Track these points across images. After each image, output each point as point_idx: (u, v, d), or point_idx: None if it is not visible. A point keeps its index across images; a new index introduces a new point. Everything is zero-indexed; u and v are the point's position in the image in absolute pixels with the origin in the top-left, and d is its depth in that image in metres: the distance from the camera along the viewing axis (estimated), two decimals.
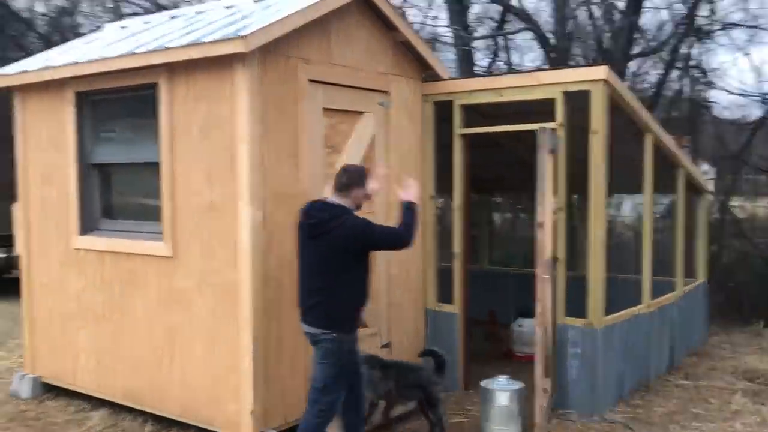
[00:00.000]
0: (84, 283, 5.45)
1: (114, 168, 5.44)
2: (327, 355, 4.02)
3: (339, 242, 3.93)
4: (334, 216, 3.97)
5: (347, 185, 4.08)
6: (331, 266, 3.97)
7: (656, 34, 12.53)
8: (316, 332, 4.03)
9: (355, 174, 4.14)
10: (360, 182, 4.11)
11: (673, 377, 6.45)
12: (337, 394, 4.10)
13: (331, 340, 4.00)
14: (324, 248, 3.97)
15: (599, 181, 5.24)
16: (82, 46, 5.96)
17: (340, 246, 3.94)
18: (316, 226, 4.00)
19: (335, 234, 3.93)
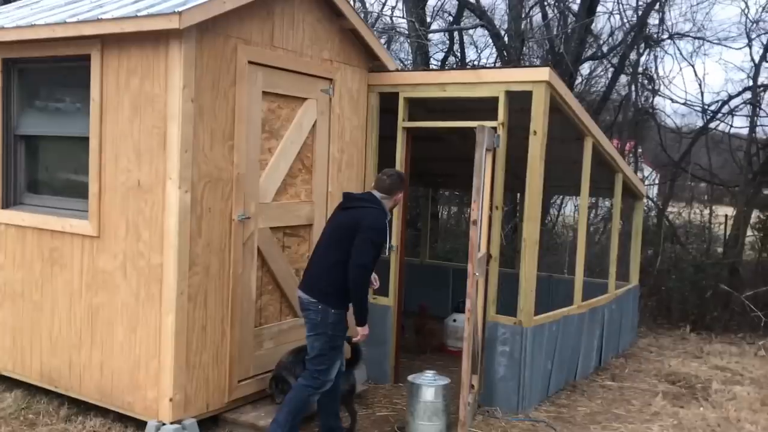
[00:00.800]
0: (3, 259, 5.23)
1: (41, 140, 5.23)
2: (313, 327, 4.24)
3: (356, 225, 4.15)
4: (370, 199, 4.34)
5: (391, 189, 4.39)
6: (344, 244, 4.17)
7: (607, 39, 12.74)
8: (305, 299, 4.28)
9: (398, 179, 4.43)
10: (401, 187, 4.45)
11: (600, 378, 6.57)
12: (329, 364, 4.28)
13: (316, 311, 4.22)
14: (345, 223, 4.23)
15: (535, 181, 5.27)
16: (14, 11, 5.69)
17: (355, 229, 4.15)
18: (350, 198, 4.43)
19: (361, 213, 4.21)
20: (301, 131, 5.25)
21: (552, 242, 11.43)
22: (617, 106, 13.55)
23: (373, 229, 4.16)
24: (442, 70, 7.34)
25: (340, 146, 5.62)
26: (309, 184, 5.39)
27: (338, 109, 5.56)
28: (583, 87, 13.61)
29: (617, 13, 12.07)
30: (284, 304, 5.25)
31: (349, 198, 4.45)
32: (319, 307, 4.21)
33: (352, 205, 4.34)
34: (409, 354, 6.77)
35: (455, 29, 13.58)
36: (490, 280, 5.39)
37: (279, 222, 5.12)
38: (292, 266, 5.26)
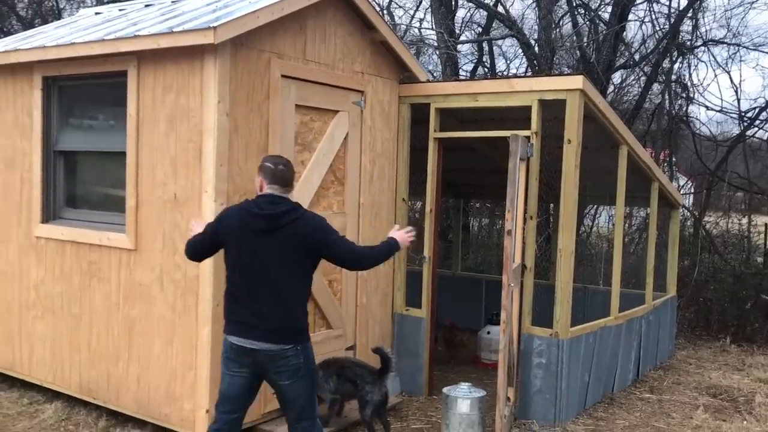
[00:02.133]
0: (43, 273, 5.33)
1: (79, 156, 5.33)
2: (294, 373, 3.51)
3: (298, 240, 3.45)
4: (291, 209, 3.48)
5: (291, 180, 3.61)
6: (292, 270, 3.47)
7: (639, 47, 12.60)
8: (276, 350, 3.47)
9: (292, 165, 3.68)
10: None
11: (638, 390, 6.44)
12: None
13: (295, 355, 3.50)
14: (284, 247, 3.43)
15: (570, 190, 5.21)
16: (53, 30, 5.84)
17: (300, 245, 3.45)
18: (276, 216, 3.43)
19: (294, 230, 3.44)
20: (333, 143, 5.27)
21: (586, 252, 11.27)
22: (650, 115, 13.37)
23: (326, 228, 3.55)
24: (474, 80, 7.32)
25: (372, 157, 5.63)
26: (341, 195, 5.41)
27: (369, 120, 5.57)
28: (615, 96, 13.47)
29: (649, 21, 11.91)
30: (318, 315, 5.25)
31: (276, 216, 3.45)
32: (297, 349, 3.49)
33: (278, 225, 3.45)
34: (442, 366, 6.73)
35: (485, 40, 13.57)
36: (524, 291, 5.34)
37: None
38: (325, 278, 5.27)
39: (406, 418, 5.41)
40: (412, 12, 15.71)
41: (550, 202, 8.25)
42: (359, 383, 4.73)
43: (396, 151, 5.90)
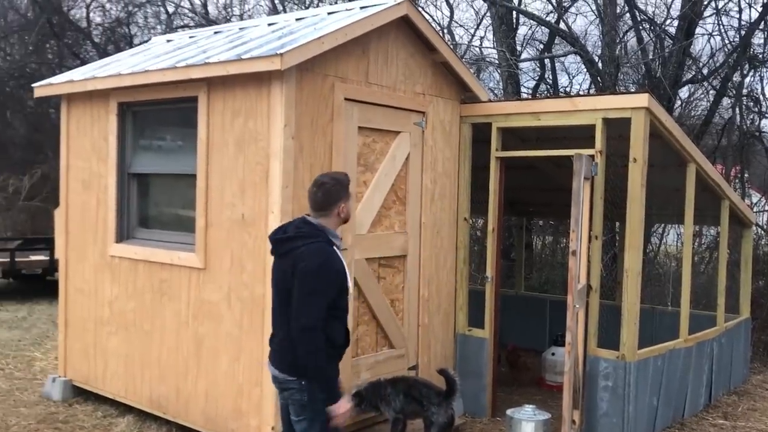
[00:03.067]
0: (117, 290, 5.54)
1: (152, 178, 5.54)
2: (300, 411, 3.29)
3: (292, 269, 3.24)
4: (303, 235, 3.28)
5: (327, 202, 3.35)
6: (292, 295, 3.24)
7: (708, 61, 12.29)
8: (281, 378, 3.34)
9: (333, 187, 3.36)
10: (339, 195, 3.37)
11: (710, 416, 6.22)
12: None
13: (299, 389, 3.27)
14: (286, 273, 3.28)
15: (636, 210, 5.12)
16: (127, 58, 6.11)
17: (293, 274, 3.24)
18: (280, 242, 3.37)
19: (293, 258, 3.25)
20: (395, 164, 5.33)
21: (654, 272, 10.99)
22: (720, 130, 13.00)
23: (310, 274, 3.17)
24: (536, 99, 7.28)
25: (433, 177, 5.66)
26: (403, 215, 5.45)
27: (431, 141, 5.61)
28: (682, 111, 13.15)
29: (718, 34, 11.62)
30: (380, 335, 5.29)
31: (279, 242, 3.38)
32: (302, 384, 3.26)
33: (284, 250, 3.34)
34: (505, 387, 6.65)
35: (547, 57, 13.47)
36: (590, 312, 5.25)
37: (374, 253, 5.19)
38: (387, 297, 5.31)
39: None
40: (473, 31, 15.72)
41: (615, 221, 8.11)
42: (425, 404, 4.74)
43: (457, 170, 5.92)
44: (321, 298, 3.17)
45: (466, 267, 6.00)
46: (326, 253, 3.26)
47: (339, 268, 3.28)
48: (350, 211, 3.47)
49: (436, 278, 5.73)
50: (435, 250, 5.71)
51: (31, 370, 6.89)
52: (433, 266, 5.70)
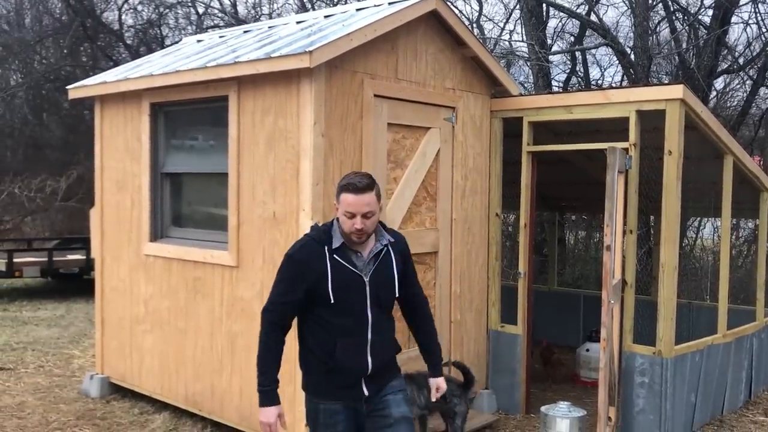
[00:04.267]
0: (152, 289, 5.61)
1: (184, 177, 5.59)
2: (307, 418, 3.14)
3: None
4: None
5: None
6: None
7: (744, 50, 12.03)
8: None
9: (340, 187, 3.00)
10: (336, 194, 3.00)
11: (750, 413, 6.09)
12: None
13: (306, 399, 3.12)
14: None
15: (672, 203, 5.02)
16: (159, 59, 6.17)
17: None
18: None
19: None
20: (425, 160, 5.30)
21: (690, 267, 10.80)
22: (758, 121, 12.72)
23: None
24: (568, 92, 7.18)
25: (464, 173, 5.63)
26: (433, 211, 5.42)
27: (461, 136, 5.58)
28: (717, 102, 12.90)
29: (754, 22, 11.38)
30: None
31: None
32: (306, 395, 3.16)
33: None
34: (539, 384, 6.60)
35: (578, 49, 13.31)
36: (625, 308, 5.17)
37: None
38: None
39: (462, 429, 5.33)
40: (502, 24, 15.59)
41: (650, 215, 7.97)
42: (448, 397, 4.71)
43: (488, 165, 5.87)
44: (278, 284, 3.01)
45: (498, 263, 5.96)
46: (296, 244, 3.06)
47: (301, 258, 2.94)
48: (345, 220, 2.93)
49: (467, 274, 5.69)
50: (466, 246, 5.67)
51: (70, 368, 7.02)
52: (465, 262, 5.67)
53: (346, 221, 2.92)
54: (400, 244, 3.15)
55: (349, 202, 2.89)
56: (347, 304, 2.95)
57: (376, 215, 2.95)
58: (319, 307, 2.96)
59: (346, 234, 2.95)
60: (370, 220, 2.93)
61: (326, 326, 2.97)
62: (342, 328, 2.96)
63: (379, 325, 3.02)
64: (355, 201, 2.88)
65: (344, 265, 2.95)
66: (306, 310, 3.00)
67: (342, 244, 2.96)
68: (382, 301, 3.03)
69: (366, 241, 3.00)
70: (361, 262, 2.99)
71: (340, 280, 2.93)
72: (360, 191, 2.89)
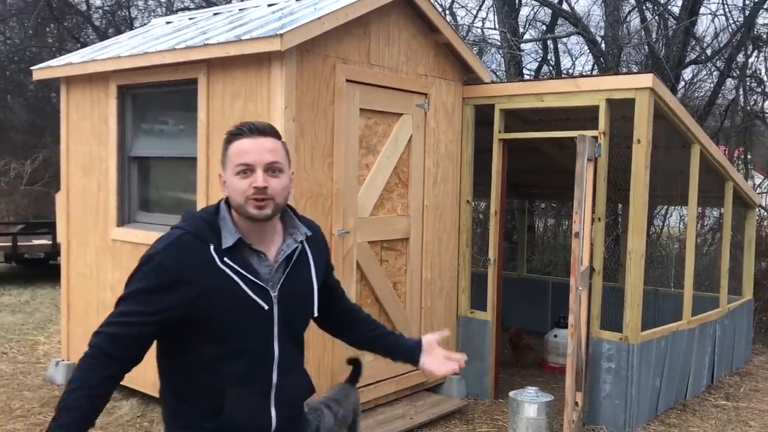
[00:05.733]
0: (119, 274, 5.53)
1: (153, 161, 5.51)
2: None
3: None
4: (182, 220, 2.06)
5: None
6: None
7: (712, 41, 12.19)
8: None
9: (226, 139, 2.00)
10: (224, 147, 2.00)
11: (713, 397, 6.23)
12: None
13: None
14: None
15: (640, 191, 5.09)
16: (127, 40, 6.06)
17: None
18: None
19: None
20: (397, 146, 5.29)
21: (657, 254, 10.97)
22: (724, 111, 12.92)
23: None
24: (539, 80, 7.22)
25: (436, 160, 5.63)
26: (405, 198, 5.42)
27: (433, 123, 5.57)
28: (685, 92, 13.07)
29: (722, 14, 11.55)
30: (383, 317, 5.28)
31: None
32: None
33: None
34: (508, 369, 6.66)
35: (549, 38, 13.37)
36: (593, 295, 5.23)
37: (377, 236, 5.17)
38: (390, 280, 5.30)
39: (472, 421, 5.38)
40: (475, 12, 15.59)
41: (618, 203, 8.08)
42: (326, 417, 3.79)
43: (460, 152, 5.88)
44: (125, 300, 1.95)
45: (468, 250, 5.98)
46: (161, 240, 1.99)
47: (169, 264, 1.90)
48: (234, 187, 1.93)
49: (438, 261, 5.71)
50: (437, 232, 5.69)
51: (35, 354, 6.91)
52: (436, 249, 5.68)
53: (238, 184, 1.91)
54: (318, 238, 2.17)
55: (243, 149, 1.91)
56: (243, 338, 1.94)
57: (285, 178, 1.96)
58: (198, 342, 1.94)
59: (241, 206, 1.92)
60: (277, 180, 1.93)
61: (209, 370, 1.96)
62: (234, 372, 1.95)
63: (289, 363, 2.03)
64: (253, 146, 1.91)
65: (243, 276, 1.91)
66: (175, 344, 1.97)
67: (238, 242, 1.93)
68: (294, 326, 2.04)
69: (269, 230, 2.00)
70: (266, 269, 1.96)
71: (236, 302, 1.90)
72: (259, 133, 1.93)
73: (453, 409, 5.45)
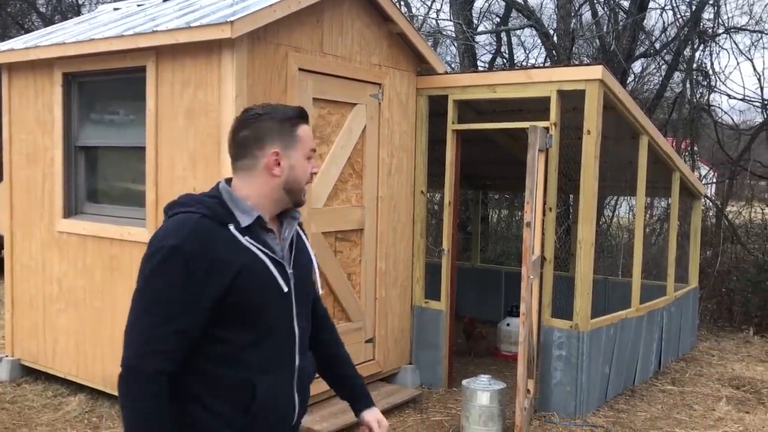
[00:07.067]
0: (66, 267, 5.39)
1: (100, 151, 5.37)
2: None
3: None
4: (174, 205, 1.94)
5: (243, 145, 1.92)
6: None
7: (660, 35, 12.44)
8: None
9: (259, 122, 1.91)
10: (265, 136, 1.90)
11: (660, 382, 6.39)
12: None
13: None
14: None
15: (589, 181, 5.17)
16: (73, 27, 5.88)
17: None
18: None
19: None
20: (351, 136, 5.27)
21: (606, 244, 11.19)
22: (671, 104, 13.21)
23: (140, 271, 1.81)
24: (492, 71, 7.27)
25: (390, 150, 5.62)
26: (360, 188, 5.41)
27: (387, 113, 5.56)
28: (635, 85, 13.33)
29: (670, 8, 11.76)
30: (337, 308, 5.27)
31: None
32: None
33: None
34: (461, 358, 6.73)
35: (503, 30, 13.48)
36: (544, 283, 5.31)
37: (331, 227, 5.14)
38: (344, 271, 5.28)
39: (426, 410, 5.42)
40: (429, 2, 15.61)
41: (569, 193, 8.20)
42: None
43: (414, 143, 5.89)
44: (152, 310, 1.78)
45: (422, 240, 6.00)
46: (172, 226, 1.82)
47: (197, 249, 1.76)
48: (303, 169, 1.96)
49: (393, 251, 5.72)
50: (392, 223, 5.69)
51: None
52: (390, 240, 5.69)
53: (306, 166, 1.97)
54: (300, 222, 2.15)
55: (310, 134, 1.98)
56: (272, 317, 1.89)
57: None
58: (225, 329, 1.82)
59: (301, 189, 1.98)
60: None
61: (235, 362, 1.84)
62: (261, 359, 1.86)
63: (305, 343, 2.02)
64: (311, 134, 2.01)
65: (266, 254, 1.88)
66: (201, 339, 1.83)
67: (257, 220, 1.88)
68: (305, 304, 2.03)
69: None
70: (278, 247, 1.94)
71: (265, 280, 1.87)
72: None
73: (407, 399, 5.48)
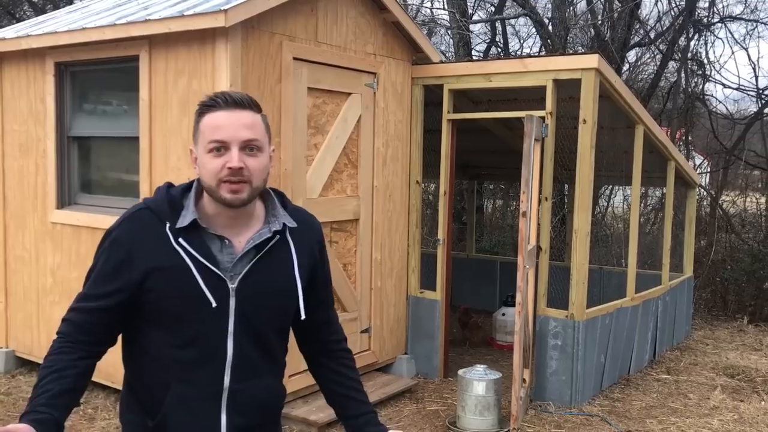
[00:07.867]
0: (60, 258, 5.36)
1: (93, 141, 5.33)
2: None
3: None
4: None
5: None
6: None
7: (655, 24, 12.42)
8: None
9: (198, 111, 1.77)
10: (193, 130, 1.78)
11: (654, 371, 6.42)
12: None
13: None
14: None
15: (585, 171, 5.17)
16: (65, 15, 5.83)
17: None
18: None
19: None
20: (346, 126, 5.24)
21: (602, 233, 11.22)
22: (666, 93, 13.21)
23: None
24: (488, 60, 7.24)
25: (385, 140, 5.60)
26: (355, 178, 5.39)
27: (382, 102, 5.54)
28: (630, 74, 13.31)
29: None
30: (334, 298, 5.24)
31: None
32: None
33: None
34: (457, 348, 6.73)
35: (498, 19, 13.43)
36: (540, 273, 5.31)
37: (326, 217, 5.12)
38: (340, 261, 5.27)
39: (422, 400, 5.42)
40: None
41: (565, 183, 8.21)
42: None
43: (409, 133, 5.86)
44: (86, 283, 1.83)
45: (418, 230, 6.00)
46: (121, 217, 1.82)
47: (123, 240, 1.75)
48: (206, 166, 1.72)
49: (388, 242, 5.71)
50: (387, 213, 5.67)
51: None
52: (386, 230, 5.67)
53: (210, 163, 1.70)
54: (312, 232, 1.93)
55: (217, 123, 1.69)
56: (191, 328, 1.76)
57: (264, 158, 1.75)
58: (150, 326, 1.79)
59: (212, 188, 1.72)
60: (255, 159, 1.72)
61: (156, 360, 1.80)
62: (181, 366, 1.78)
63: (248, 366, 1.81)
64: (229, 120, 1.69)
65: (197, 261, 1.73)
66: (129, 328, 1.83)
67: (194, 223, 1.75)
68: (256, 325, 1.81)
69: (243, 215, 1.79)
70: (228, 257, 1.76)
71: (185, 288, 1.73)
72: (235, 105, 1.71)
73: (403, 389, 5.48)
